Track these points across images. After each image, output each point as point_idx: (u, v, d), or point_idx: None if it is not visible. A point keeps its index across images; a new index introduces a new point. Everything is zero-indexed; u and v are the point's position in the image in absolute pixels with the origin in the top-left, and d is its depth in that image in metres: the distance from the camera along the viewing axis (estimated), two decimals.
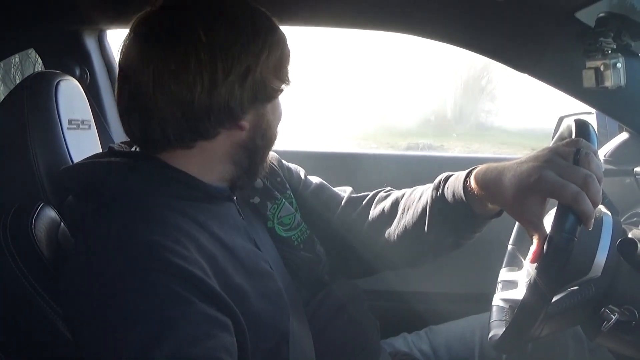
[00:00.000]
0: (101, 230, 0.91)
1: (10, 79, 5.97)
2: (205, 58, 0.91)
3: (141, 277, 0.82)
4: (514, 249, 1.30)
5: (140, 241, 0.86)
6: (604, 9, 1.38)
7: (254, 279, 0.98)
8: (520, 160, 0.93)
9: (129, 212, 0.92)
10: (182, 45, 0.92)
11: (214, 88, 0.92)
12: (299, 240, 1.21)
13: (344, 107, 12.89)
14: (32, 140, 1.20)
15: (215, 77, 0.92)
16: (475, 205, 1.03)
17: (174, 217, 0.93)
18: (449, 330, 1.51)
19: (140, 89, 0.93)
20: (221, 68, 0.92)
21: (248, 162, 1.05)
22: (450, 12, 1.54)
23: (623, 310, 0.95)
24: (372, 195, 1.30)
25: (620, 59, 1.35)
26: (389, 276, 1.89)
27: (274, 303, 0.99)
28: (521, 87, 10.82)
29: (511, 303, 1.18)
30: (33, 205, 1.09)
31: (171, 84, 0.91)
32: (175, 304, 0.81)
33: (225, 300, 0.87)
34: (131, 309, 0.79)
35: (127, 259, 0.83)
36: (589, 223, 0.85)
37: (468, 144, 10.42)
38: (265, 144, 1.06)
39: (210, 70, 0.92)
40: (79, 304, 0.85)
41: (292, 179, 1.33)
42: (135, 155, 1.04)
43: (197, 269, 0.86)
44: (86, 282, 0.85)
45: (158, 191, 0.97)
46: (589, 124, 0.97)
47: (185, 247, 0.88)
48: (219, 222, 1.01)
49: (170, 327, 0.78)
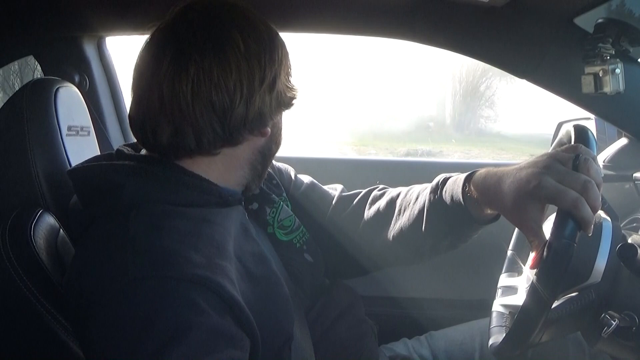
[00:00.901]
0: (116, 236, 0.89)
1: (10, 86, 5.98)
2: (244, 67, 0.92)
3: (157, 284, 0.80)
4: (513, 254, 1.29)
5: (157, 248, 0.84)
6: (603, 15, 1.39)
7: (259, 285, 0.96)
8: (520, 166, 0.93)
9: (146, 218, 0.90)
10: (225, 54, 0.91)
11: (250, 97, 0.93)
12: (300, 243, 1.21)
13: (342, 112, 12.90)
14: (32, 147, 1.20)
15: (252, 86, 0.93)
16: (473, 209, 1.03)
17: (191, 223, 0.92)
18: (449, 336, 1.50)
19: (176, 97, 0.91)
20: (257, 77, 0.93)
21: (262, 166, 1.07)
22: (449, 18, 1.54)
23: (623, 316, 0.95)
24: (364, 194, 1.30)
25: (619, 65, 1.35)
26: (390, 282, 1.90)
27: (281, 308, 0.98)
28: (520, 93, 10.85)
29: (511, 309, 1.18)
30: (32, 212, 1.09)
31: (212, 94, 0.91)
32: (189, 312, 0.79)
33: (244, 309, 0.86)
34: (144, 316, 0.78)
35: (143, 266, 0.82)
36: (588, 229, 0.85)
37: (467, 150, 10.44)
38: (277, 149, 1.09)
39: (249, 80, 0.93)
40: (90, 309, 0.84)
41: (283, 180, 1.33)
42: (148, 160, 1.01)
43: (217, 276, 0.84)
44: (99, 287, 0.84)
45: (174, 197, 0.96)
46: (588, 130, 0.97)
47: (204, 253, 0.87)
48: (231, 225, 1.00)
49: (182, 336, 0.77)
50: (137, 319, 0.78)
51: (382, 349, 1.36)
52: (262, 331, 0.90)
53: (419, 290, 1.98)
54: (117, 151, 1.05)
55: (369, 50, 11.86)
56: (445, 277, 1.84)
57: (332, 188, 1.37)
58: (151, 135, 0.96)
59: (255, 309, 0.92)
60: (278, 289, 1.00)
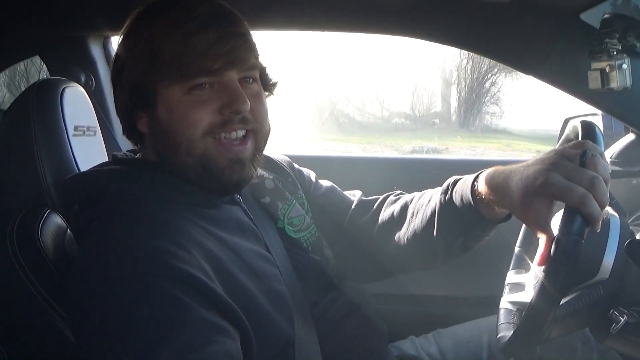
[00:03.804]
0: (104, 236, 0.92)
1: (16, 87, 5.99)
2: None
3: (143, 283, 0.83)
4: (521, 251, 1.29)
5: (142, 246, 0.87)
6: (609, 10, 1.38)
7: (260, 281, 0.99)
8: (527, 163, 0.93)
9: (131, 218, 0.93)
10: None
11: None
12: (307, 242, 1.22)
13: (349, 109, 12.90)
14: (38, 147, 1.21)
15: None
16: (484, 209, 1.03)
17: (176, 221, 0.94)
18: (456, 333, 1.50)
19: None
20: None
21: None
22: (455, 15, 1.54)
23: (632, 312, 0.95)
24: (382, 199, 1.31)
25: (625, 60, 1.34)
26: (397, 279, 1.88)
27: (277, 306, 0.99)
28: (526, 89, 10.82)
29: (519, 306, 1.17)
30: (39, 212, 1.09)
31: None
32: (175, 309, 0.81)
33: (228, 304, 0.87)
34: (131, 314, 0.80)
35: (128, 265, 0.84)
36: (596, 225, 0.84)
37: (473, 147, 10.42)
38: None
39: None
40: (82, 309, 0.86)
41: (303, 181, 1.35)
42: (138, 163, 1.06)
43: (199, 272, 0.86)
44: (89, 287, 0.86)
45: (160, 197, 0.99)
46: (595, 126, 0.96)
47: (188, 250, 0.88)
48: (222, 225, 1.02)
49: (170, 332, 0.78)
50: (123, 318, 0.80)
51: (389, 347, 1.36)
52: (263, 326, 0.91)
53: (426, 287, 1.98)
54: (112, 156, 1.11)
55: (371, 47, 11.87)
56: (453, 275, 1.84)
57: (351, 194, 1.38)
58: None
59: (261, 302, 0.94)
60: (275, 286, 1.02)
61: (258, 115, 1.04)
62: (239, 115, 0.99)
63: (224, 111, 0.98)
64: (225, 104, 0.98)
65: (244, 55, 1.00)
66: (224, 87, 0.99)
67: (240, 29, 1.01)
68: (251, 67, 1.03)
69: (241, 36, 1.00)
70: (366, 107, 15.59)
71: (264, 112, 1.06)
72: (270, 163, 1.29)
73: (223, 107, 0.98)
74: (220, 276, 0.91)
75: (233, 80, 0.99)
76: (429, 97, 14.76)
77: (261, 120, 1.05)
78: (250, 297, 0.94)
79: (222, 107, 0.98)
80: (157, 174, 1.02)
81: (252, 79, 1.05)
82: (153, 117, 1.01)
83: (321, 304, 1.17)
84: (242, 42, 1.00)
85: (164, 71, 0.97)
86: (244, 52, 1.00)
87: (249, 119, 1.01)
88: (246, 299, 0.92)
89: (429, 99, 14.80)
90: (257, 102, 1.04)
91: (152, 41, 0.98)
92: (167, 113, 0.99)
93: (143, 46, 0.99)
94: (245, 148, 1.02)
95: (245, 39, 1.01)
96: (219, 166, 1.00)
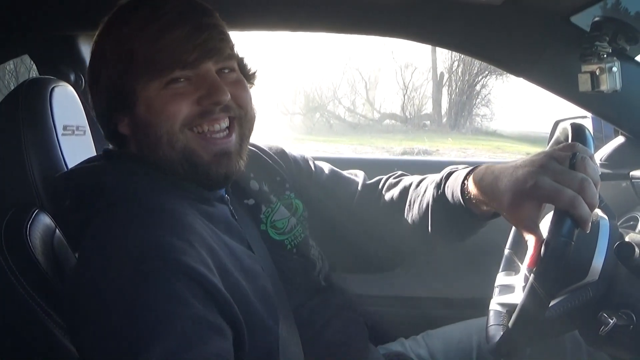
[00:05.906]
0: (107, 231, 0.91)
1: (5, 85, 5.97)
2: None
3: (148, 277, 0.82)
4: (511, 253, 1.29)
5: (147, 240, 0.86)
6: (599, 14, 1.39)
7: (251, 280, 0.98)
8: (516, 165, 0.93)
9: (132, 212, 0.93)
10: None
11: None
12: (291, 245, 1.21)
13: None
14: (27, 146, 1.20)
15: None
16: (474, 207, 1.03)
17: (180, 214, 0.94)
18: (446, 335, 1.50)
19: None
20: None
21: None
22: (446, 17, 1.54)
23: (621, 314, 0.95)
24: (383, 182, 1.31)
25: (615, 63, 1.35)
26: (386, 281, 1.89)
27: (266, 305, 0.99)
28: (516, 91, 10.88)
29: (508, 307, 1.17)
30: (28, 212, 1.08)
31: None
32: (175, 305, 0.81)
33: (228, 301, 0.87)
34: (129, 309, 0.80)
35: (129, 259, 0.84)
36: (586, 227, 0.85)
37: (464, 149, 10.46)
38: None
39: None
40: (79, 305, 0.86)
41: (300, 170, 1.33)
42: (133, 158, 1.05)
43: (203, 267, 0.86)
44: (88, 282, 0.85)
45: (158, 190, 0.99)
46: (585, 128, 0.96)
47: (189, 242, 0.88)
48: (216, 222, 1.02)
49: (165, 328, 0.78)
50: (123, 312, 0.80)
51: (378, 349, 1.35)
52: (254, 325, 0.91)
53: (415, 289, 1.97)
54: (104, 151, 1.10)
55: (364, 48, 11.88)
56: (442, 276, 1.84)
57: (354, 174, 1.37)
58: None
59: (252, 300, 0.94)
60: (263, 285, 1.02)
61: (241, 100, 1.03)
62: (219, 106, 0.99)
63: (202, 102, 0.98)
64: (203, 95, 0.98)
65: (219, 45, 1.00)
66: (201, 79, 0.98)
67: (213, 20, 1.01)
68: (227, 58, 1.03)
69: (215, 27, 1.00)
70: (357, 109, 15.65)
71: (247, 97, 1.05)
72: (258, 161, 1.26)
73: (201, 98, 0.98)
74: (219, 271, 0.90)
75: (210, 71, 0.99)
76: (419, 99, 14.82)
77: (245, 105, 1.04)
78: (244, 295, 0.94)
79: (201, 99, 0.98)
80: (150, 169, 1.01)
81: (230, 69, 1.04)
82: (133, 117, 1.01)
83: (307, 305, 1.16)
84: (216, 33, 1.00)
85: (139, 70, 0.97)
86: (219, 43, 1.00)
87: (231, 106, 1.01)
88: (241, 297, 0.92)
89: (420, 101, 14.87)
90: (238, 88, 1.03)
91: (125, 42, 0.97)
92: (146, 109, 0.98)
93: (116, 48, 0.99)
94: (229, 140, 1.02)
95: (219, 30, 1.01)
96: (203, 160, 1.00)
